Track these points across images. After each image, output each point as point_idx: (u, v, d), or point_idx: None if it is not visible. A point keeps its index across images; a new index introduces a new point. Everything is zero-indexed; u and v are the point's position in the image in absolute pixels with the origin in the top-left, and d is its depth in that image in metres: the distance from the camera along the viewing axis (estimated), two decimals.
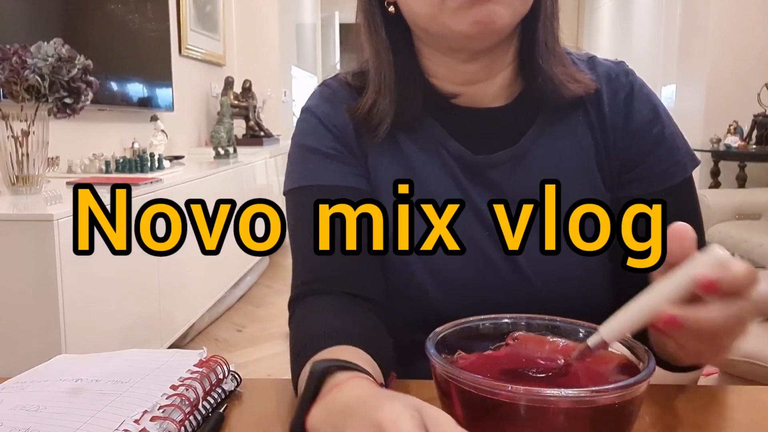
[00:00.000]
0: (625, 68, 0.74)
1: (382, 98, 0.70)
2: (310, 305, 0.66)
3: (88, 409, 0.51)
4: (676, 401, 0.60)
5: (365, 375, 0.49)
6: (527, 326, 0.53)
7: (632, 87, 0.72)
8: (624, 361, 0.47)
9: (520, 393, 0.40)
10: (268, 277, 3.83)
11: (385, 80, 0.70)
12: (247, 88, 4.39)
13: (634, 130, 0.70)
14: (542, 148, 0.71)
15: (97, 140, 2.81)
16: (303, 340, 0.59)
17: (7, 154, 1.81)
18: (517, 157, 0.70)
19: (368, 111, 0.71)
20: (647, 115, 0.70)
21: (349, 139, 0.73)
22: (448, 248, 0.69)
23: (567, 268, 0.68)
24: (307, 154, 0.73)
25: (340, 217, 0.69)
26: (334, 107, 0.74)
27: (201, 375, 0.58)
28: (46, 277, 1.57)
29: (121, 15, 2.85)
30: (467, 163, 0.71)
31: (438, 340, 0.49)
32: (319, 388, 0.47)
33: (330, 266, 0.68)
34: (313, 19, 6.85)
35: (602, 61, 0.74)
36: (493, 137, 0.71)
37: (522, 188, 0.70)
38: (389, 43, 0.70)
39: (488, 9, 0.60)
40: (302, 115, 0.76)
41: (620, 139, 0.70)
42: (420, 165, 0.71)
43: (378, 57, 0.71)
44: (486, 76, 0.70)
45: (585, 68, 0.73)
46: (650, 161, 0.69)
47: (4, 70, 1.74)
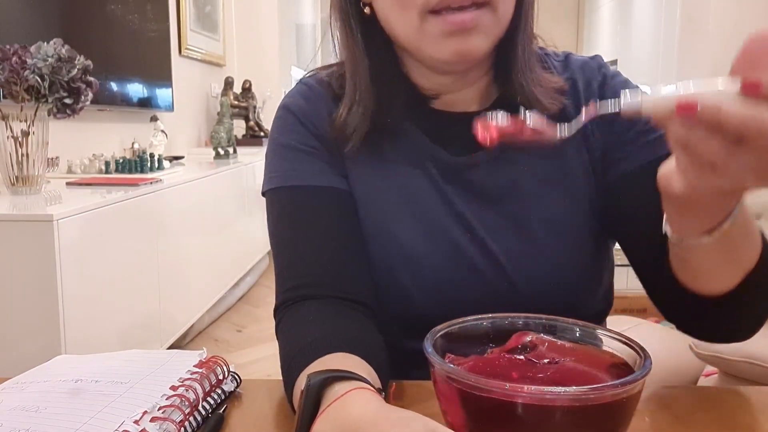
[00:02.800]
0: (599, 61, 0.74)
1: (356, 106, 0.69)
2: (298, 312, 0.65)
3: (88, 409, 0.51)
4: (675, 401, 0.60)
5: (365, 385, 0.48)
6: (525, 325, 0.53)
7: (605, 76, 0.72)
8: (620, 361, 0.48)
9: (518, 392, 0.40)
10: (268, 278, 3.83)
11: (361, 85, 0.69)
12: (247, 88, 4.39)
13: (611, 118, 0.69)
14: (519, 146, 0.70)
15: (97, 140, 2.81)
16: (293, 351, 0.58)
17: (7, 155, 1.81)
18: (494, 157, 0.70)
19: (344, 121, 0.69)
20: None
21: (327, 136, 0.72)
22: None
23: (548, 268, 0.68)
24: (286, 152, 0.72)
25: (323, 219, 0.68)
26: (311, 104, 0.73)
27: (201, 376, 0.58)
28: (46, 277, 1.57)
29: (121, 15, 2.85)
30: (445, 166, 0.70)
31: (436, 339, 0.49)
32: (318, 401, 0.47)
33: (316, 270, 0.67)
34: (313, 19, 6.85)
35: (577, 57, 0.75)
36: (469, 141, 0.70)
37: (500, 189, 0.70)
38: (365, 46, 0.69)
39: (466, 41, 0.62)
40: (279, 112, 0.75)
41: (596, 127, 0.70)
42: (398, 168, 0.71)
43: (353, 61, 0.69)
44: (461, 87, 0.71)
45: (560, 69, 0.73)
46: (630, 137, 0.68)
47: (4, 71, 1.74)
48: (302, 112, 0.73)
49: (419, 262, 0.69)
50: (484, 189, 0.70)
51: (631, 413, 0.44)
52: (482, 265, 0.69)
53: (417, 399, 0.60)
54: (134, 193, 2.03)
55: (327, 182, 0.70)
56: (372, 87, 0.68)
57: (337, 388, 0.47)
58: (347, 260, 0.68)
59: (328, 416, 0.45)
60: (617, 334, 0.49)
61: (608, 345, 0.50)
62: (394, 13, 0.64)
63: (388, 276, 0.69)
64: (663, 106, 0.40)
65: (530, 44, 0.70)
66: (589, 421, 0.41)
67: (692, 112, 0.38)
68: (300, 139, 0.72)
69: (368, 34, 0.69)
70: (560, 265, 0.68)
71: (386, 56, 0.70)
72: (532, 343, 0.51)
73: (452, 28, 0.61)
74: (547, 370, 0.48)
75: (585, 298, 0.70)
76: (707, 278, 0.56)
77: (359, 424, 0.42)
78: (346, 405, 0.45)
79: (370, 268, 0.70)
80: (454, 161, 0.70)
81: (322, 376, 0.48)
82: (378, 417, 0.42)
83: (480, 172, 0.70)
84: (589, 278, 0.71)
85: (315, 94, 0.74)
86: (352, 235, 0.70)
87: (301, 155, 0.71)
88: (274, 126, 0.75)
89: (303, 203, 0.69)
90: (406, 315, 0.69)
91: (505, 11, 0.64)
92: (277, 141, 0.73)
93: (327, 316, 0.63)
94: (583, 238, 0.70)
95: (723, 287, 0.56)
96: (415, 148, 0.71)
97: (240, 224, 3.27)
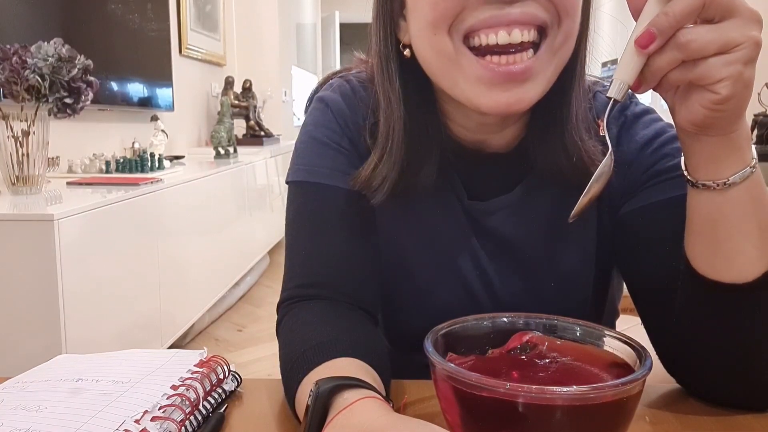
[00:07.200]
0: (623, 103, 0.70)
1: (387, 156, 0.64)
2: (301, 312, 0.64)
3: (89, 409, 0.51)
4: (676, 401, 0.60)
5: (374, 394, 0.48)
6: (525, 325, 0.53)
7: (625, 119, 0.68)
8: (620, 361, 0.48)
9: (519, 391, 0.40)
10: (268, 277, 3.83)
11: (394, 134, 0.64)
12: (247, 88, 4.39)
13: (629, 161, 0.66)
14: (537, 196, 0.69)
15: (98, 140, 2.81)
16: (296, 353, 0.57)
17: (8, 154, 1.81)
18: (511, 205, 0.69)
19: (371, 172, 0.65)
20: (640, 139, 0.66)
21: (360, 145, 0.70)
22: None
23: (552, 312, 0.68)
24: (317, 146, 0.70)
25: (342, 222, 0.68)
26: (350, 104, 0.71)
27: (201, 375, 0.58)
28: (46, 277, 1.57)
29: (121, 15, 2.85)
30: (468, 205, 0.70)
31: (436, 338, 0.49)
32: (326, 408, 0.46)
33: (326, 271, 0.66)
34: (313, 19, 6.86)
35: (601, 96, 0.69)
36: (492, 182, 0.69)
37: (515, 236, 0.70)
38: (402, 93, 0.63)
39: (518, 92, 0.55)
40: (317, 104, 0.73)
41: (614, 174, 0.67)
42: (419, 196, 0.68)
43: (389, 107, 0.64)
44: (501, 129, 0.67)
45: (615, 130, 0.68)
46: (644, 179, 0.65)
47: (4, 70, 1.74)
48: (339, 110, 0.71)
49: (427, 290, 0.70)
50: (501, 234, 0.70)
51: (631, 413, 0.44)
52: (487, 305, 0.70)
53: (417, 399, 0.60)
54: (135, 193, 2.03)
55: (351, 185, 0.68)
56: (405, 139, 0.64)
57: (346, 395, 0.47)
58: (359, 266, 0.68)
59: (337, 424, 0.45)
60: (618, 334, 0.49)
61: (609, 344, 0.50)
62: (427, 39, 0.57)
63: (393, 296, 0.70)
64: (630, 59, 0.48)
65: (583, 102, 0.64)
66: (589, 421, 0.41)
67: (652, 37, 0.46)
68: (332, 137, 0.70)
69: (407, 81, 0.64)
70: (563, 315, 0.68)
71: (424, 104, 0.65)
72: (533, 342, 0.51)
73: (498, 79, 0.55)
74: (548, 370, 0.48)
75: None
76: (735, 252, 0.52)
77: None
78: (355, 414, 0.45)
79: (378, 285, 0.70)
80: (472, 205, 0.69)
81: (332, 384, 0.47)
82: (387, 426, 0.42)
83: (499, 217, 0.69)
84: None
85: (357, 96, 0.71)
86: (367, 242, 0.69)
87: (331, 153, 0.69)
88: (310, 117, 0.73)
89: (324, 203, 0.68)
90: (401, 333, 0.70)
91: (565, 52, 0.58)
92: (310, 133, 0.71)
93: (331, 319, 0.62)
94: (589, 291, 0.71)
95: (751, 268, 0.52)
96: (440, 182, 0.68)
97: (240, 224, 3.27)
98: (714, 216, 0.53)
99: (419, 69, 0.62)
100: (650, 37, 0.46)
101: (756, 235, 0.52)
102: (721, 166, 0.51)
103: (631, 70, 0.48)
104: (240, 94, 4.37)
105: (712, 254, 0.53)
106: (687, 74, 0.47)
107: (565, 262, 0.70)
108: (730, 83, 0.45)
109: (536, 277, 0.70)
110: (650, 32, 0.46)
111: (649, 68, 0.48)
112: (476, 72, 0.56)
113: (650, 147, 0.66)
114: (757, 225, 0.52)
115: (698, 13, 0.45)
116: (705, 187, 0.52)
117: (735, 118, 0.49)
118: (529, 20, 0.54)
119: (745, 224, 0.52)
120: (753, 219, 0.52)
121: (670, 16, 0.45)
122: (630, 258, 0.66)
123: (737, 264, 0.52)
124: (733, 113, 0.48)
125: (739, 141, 0.50)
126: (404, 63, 0.63)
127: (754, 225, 0.52)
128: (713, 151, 0.51)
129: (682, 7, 0.45)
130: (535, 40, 0.55)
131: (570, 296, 0.71)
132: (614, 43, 0.67)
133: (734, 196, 0.51)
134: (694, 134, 0.51)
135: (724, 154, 0.51)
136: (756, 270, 0.52)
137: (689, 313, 0.57)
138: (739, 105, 0.47)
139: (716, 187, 0.51)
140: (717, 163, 0.51)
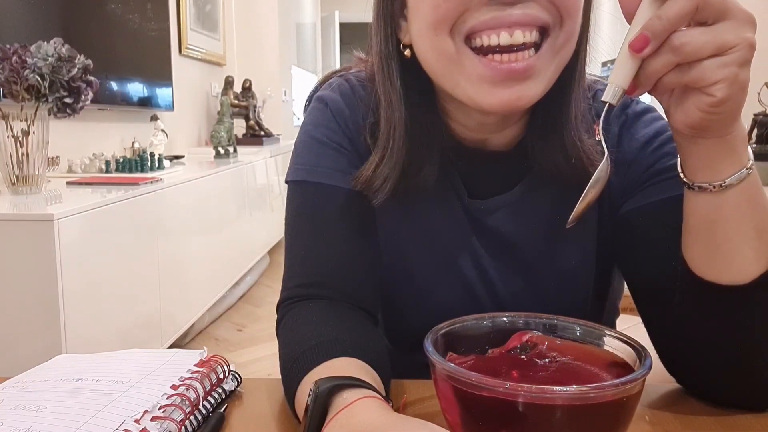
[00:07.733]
0: (624, 101, 0.69)
1: (388, 156, 0.64)
2: (301, 312, 0.64)
3: (89, 408, 0.51)
4: (676, 400, 0.60)
5: (374, 393, 0.48)
6: (525, 324, 0.53)
7: (626, 118, 0.68)
8: (620, 360, 0.48)
9: (519, 391, 0.40)
10: (268, 277, 3.83)
11: (395, 135, 0.64)
12: (247, 87, 4.39)
13: (630, 161, 0.67)
14: (537, 195, 0.69)
15: (97, 140, 2.81)
16: (296, 352, 0.57)
17: (7, 154, 1.81)
18: (511, 204, 0.69)
19: (372, 173, 0.65)
20: (641, 138, 0.67)
21: (359, 144, 0.70)
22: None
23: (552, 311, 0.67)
24: (316, 146, 0.70)
25: (341, 221, 0.68)
26: (350, 105, 0.71)
27: (201, 375, 0.58)
28: (46, 277, 1.57)
29: (121, 15, 2.85)
30: (469, 204, 0.70)
31: (436, 338, 0.49)
32: (326, 408, 0.47)
33: (326, 270, 0.66)
34: (313, 18, 6.86)
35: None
36: (492, 181, 0.70)
37: (516, 235, 0.70)
38: (403, 93, 0.64)
39: (520, 89, 0.55)
40: (316, 103, 0.73)
41: (613, 174, 0.65)
42: (420, 197, 0.68)
43: (390, 107, 0.64)
44: (502, 128, 0.67)
45: (618, 127, 0.68)
46: (644, 178, 0.66)
47: (4, 70, 1.74)
48: (338, 109, 0.71)
49: (427, 289, 0.71)
50: (501, 233, 0.70)
51: (631, 412, 0.44)
52: (488, 305, 0.70)
53: (417, 399, 0.60)
54: (134, 193, 2.03)
55: (350, 185, 0.68)
56: (406, 139, 0.64)
57: (345, 395, 0.47)
58: (359, 266, 0.68)
59: (336, 423, 0.45)
60: (618, 333, 0.49)
61: (609, 344, 0.50)
62: (428, 39, 0.58)
63: (393, 296, 0.70)
64: (625, 63, 0.48)
65: (583, 102, 0.64)
66: (589, 421, 0.41)
67: (646, 41, 0.46)
68: (332, 136, 0.70)
69: (408, 81, 0.64)
70: (563, 314, 0.68)
71: (424, 103, 0.65)
72: (533, 342, 0.51)
73: (500, 77, 0.55)
74: (548, 369, 0.48)
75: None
76: (733, 253, 0.52)
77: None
78: (355, 413, 0.45)
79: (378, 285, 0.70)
80: (477, 202, 0.69)
81: (331, 383, 0.47)
82: (387, 425, 0.42)
83: (499, 216, 0.70)
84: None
85: (356, 96, 0.71)
86: (367, 242, 0.69)
87: (331, 152, 0.69)
88: (310, 116, 0.73)
89: (323, 202, 0.68)
90: (401, 333, 0.70)
91: (567, 52, 0.58)
92: (310, 132, 0.71)
93: (331, 318, 0.62)
94: (589, 290, 0.72)
95: (749, 269, 0.52)
96: (440, 181, 0.68)
97: (240, 223, 3.27)
98: (711, 218, 0.52)
99: (420, 69, 0.62)
100: (644, 40, 0.46)
101: (753, 236, 0.52)
102: (718, 168, 0.51)
103: (625, 74, 0.48)
104: (240, 93, 4.37)
105: (709, 256, 0.53)
106: (682, 77, 0.47)
107: (565, 261, 0.70)
108: (726, 85, 0.45)
109: (536, 276, 0.70)
110: (644, 36, 0.46)
111: (644, 72, 0.48)
112: (478, 71, 0.56)
113: (651, 146, 0.66)
114: (755, 226, 0.52)
115: (692, 15, 0.45)
116: (702, 189, 0.52)
117: (731, 120, 0.49)
118: (530, 21, 0.54)
119: (742, 226, 0.52)
120: (750, 220, 0.52)
121: (663, 19, 0.45)
122: (630, 257, 0.66)
123: (735, 265, 0.52)
124: (728, 115, 0.48)
125: (736, 143, 0.50)
126: (405, 63, 0.63)
127: (751, 226, 0.52)
128: (709, 153, 0.51)
129: (675, 10, 0.45)
130: (537, 41, 0.56)
131: (570, 295, 0.71)
132: (614, 43, 0.67)
133: (731, 197, 0.51)
134: (690, 137, 0.51)
135: (720, 156, 0.50)
136: (754, 271, 0.52)
137: (688, 314, 0.57)
138: (735, 107, 0.47)
139: (713, 189, 0.51)
140: (713, 165, 0.51)
